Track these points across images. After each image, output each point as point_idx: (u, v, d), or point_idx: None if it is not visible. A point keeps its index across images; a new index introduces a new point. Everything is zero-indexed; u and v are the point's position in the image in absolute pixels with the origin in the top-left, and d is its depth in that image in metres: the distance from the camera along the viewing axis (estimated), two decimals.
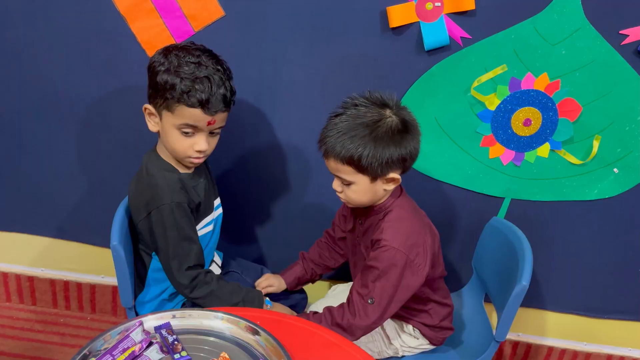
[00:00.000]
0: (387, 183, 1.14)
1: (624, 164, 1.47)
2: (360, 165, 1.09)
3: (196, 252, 1.21)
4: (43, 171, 1.62)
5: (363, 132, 1.08)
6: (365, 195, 1.15)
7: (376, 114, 1.10)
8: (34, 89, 1.51)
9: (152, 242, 1.22)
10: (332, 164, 1.14)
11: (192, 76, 1.11)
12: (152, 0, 1.38)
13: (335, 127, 1.11)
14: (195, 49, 1.15)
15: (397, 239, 1.13)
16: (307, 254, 1.45)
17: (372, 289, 1.14)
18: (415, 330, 1.30)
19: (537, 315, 1.71)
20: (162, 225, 1.17)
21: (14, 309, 1.84)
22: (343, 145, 1.09)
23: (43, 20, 1.42)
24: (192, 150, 1.18)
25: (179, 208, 1.17)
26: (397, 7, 1.33)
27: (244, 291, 1.27)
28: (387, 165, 1.10)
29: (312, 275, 1.44)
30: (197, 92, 1.10)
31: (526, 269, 1.23)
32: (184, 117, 1.13)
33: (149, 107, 1.17)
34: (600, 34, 1.34)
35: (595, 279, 1.62)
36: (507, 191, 1.53)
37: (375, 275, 1.14)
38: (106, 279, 1.79)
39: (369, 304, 1.14)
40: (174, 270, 1.20)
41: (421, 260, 1.16)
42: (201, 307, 1.23)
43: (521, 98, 1.41)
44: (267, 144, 1.52)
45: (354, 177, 1.12)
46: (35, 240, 1.74)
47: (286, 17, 1.37)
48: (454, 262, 1.63)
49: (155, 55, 1.16)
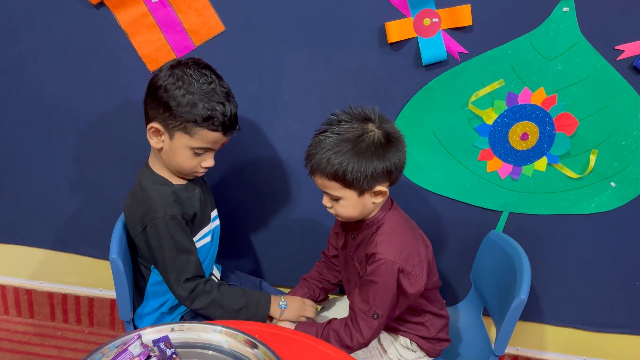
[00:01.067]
0: (375, 196, 1.15)
1: (621, 178, 1.48)
2: (346, 180, 1.10)
3: (194, 264, 1.21)
4: (42, 184, 1.63)
5: (346, 147, 1.09)
6: (355, 210, 1.16)
7: (359, 128, 1.11)
8: (35, 102, 1.52)
9: (150, 256, 1.22)
10: (319, 180, 1.15)
11: (212, 100, 1.12)
12: (153, 16, 1.40)
13: (319, 144, 1.12)
14: (202, 67, 1.15)
15: (392, 252, 1.13)
16: (307, 275, 1.45)
17: (374, 303, 1.14)
18: (412, 343, 1.30)
19: (536, 329, 1.71)
20: (158, 239, 1.18)
21: (12, 322, 1.83)
22: (328, 162, 1.10)
23: (45, 35, 1.43)
24: (199, 167, 1.20)
25: (173, 220, 1.18)
26: (395, 22, 1.35)
27: (247, 294, 1.26)
28: (372, 179, 1.11)
29: (316, 292, 1.42)
30: (219, 117, 1.13)
31: (524, 282, 1.23)
32: (203, 140, 1.15)
33: (157, 125, 1.15)
34: (596, 50, 1.35)
35: (594, 292, 1.62)
36: (505, 205, 1.53)
37: (375, 289, 1.14)
38: (104, 292, 1.79)
39: (374, 319, 1.15)
40: (173, 283, 1.20)
41: (418, 271, 1.16)
42: (205, 317, 1.24)
43: (518, 112, 1.43)
44: (266, 158, 1.53)
45: (341, 192, 1.13)
46: (33, 253, 1.74)
47: (286, 32, 1.39)
48: (452, 276, 1.63)
49: (163, 75, 1.14)
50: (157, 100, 1.14)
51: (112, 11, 1.39)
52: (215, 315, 1.22)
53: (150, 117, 1.17)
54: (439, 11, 1.34)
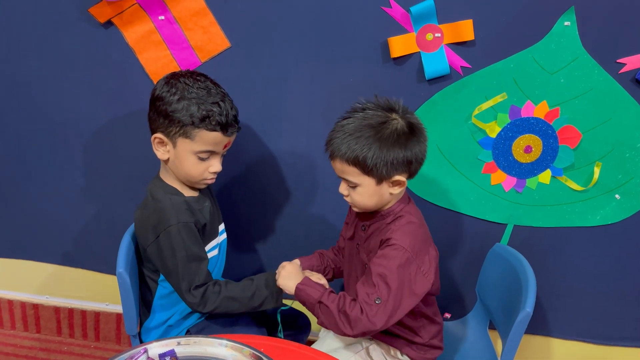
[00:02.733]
0: (392, 186, 1.15)
1: (625, 191, 1.48)
2: (366, 165, 1.10)
3: (205, 271, 1.23)
4: (49, 198, 1.64)
5: (369, 132, 1.10)
6: (371, 199, 1.16)
7: (383, 116, 1.12)
8: (43, 117, 1.54)
9: (162, 266, 1.23)
10: (338, 165, 1.15)
11: (207, 101, 1.15)
12: (160, 33, 1.42)
13: (342, 129, 1.13)
14: (197, 75, 1.20)
15: (407, 241, 1.13)
16: (323, 251, 1.43)
17: (378, 287, 1.11)
18: (403, 355, 1.28)
19: (542, 342, 1.70)
20: (171, 247, 1.19)
21: (19, 336, 1.84)
22: (349, 146, 1.10)
23: (54, 51, 1.46)
24: (207, 173, 1.22)
25: (185, 228, 1.19)
26: (398, 37, 1.37)
27: (254, 280, 1.26)
28: (392, 167, 1.11)
29: (327, 270, 1.39)
30: (216, 116, 1.15)
31: (530, 295, 1.23)
32: (204, 142, 1.17)
33: (160, 136, 1.19)
34: (597, 63, 1.36)
35: (600, 305, 1.61)
36: (509, 217, 1.53)
37: (382, 272, 1.11)
38: (110, 307, 1.79)
39: (375, 303, 1.11)
40: (184, 292, 1.21)
41: (427, 268, 1.16)
42: (221, 315, 1.25)
43: (521, 125, 1.43)
44: (272, 171, 1.54)
45: (359, 179, 1.13)
46: (40, 268, 1.75)
47: (290, 47, 1.41)
48: (457, 289, 1.63)
49: (159, 86, 1.19)
50: (156, 111, 1.18)
51: (119, 29, 1.42)
52: (231, 309, 1.23)
53: (153, 129, 1.21)
54: (441, 26, 1.35)
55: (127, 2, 1.38)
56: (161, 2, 1.38)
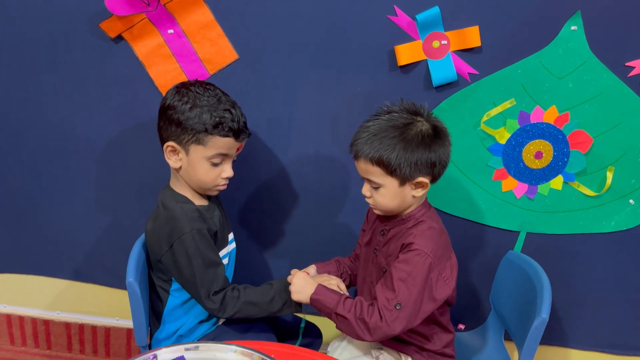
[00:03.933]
0: (415, 188, 1.15)
1: (639, 195, 1.46)
2: (390, 166, 1.11)
3: (222, 276, 1.23)
4: (60, 213, 1.65)
5: (393, 133, 1.11)
6: (393, 200, 1.16)
7: (408, 118, 1.14)
8: (54, 131, 1.56)
9: (178, 275, 1.23)
10: (362, 165, 1.16)
11: (218, 108, 1.17)
12: (169, 46, 1.44)
13: (366, 130, 1.14)
14: (206, 84, 1.22)
15: (429, 247, 1.13)
16: (340, 258, 1.43)
17: (399, 292, 1.10)
18: None
19: (559, 353, 1.66)
20: (186, 255, 1.19)
21: (29, 353, 1.83)
22: (373, 147, 1.12)
23: (64, 66, 1.49)
24: (219, 179, 1.24)
25: (199, 235, 1.19)
26: (405, 45, 1.37)
27: (273, 285, 1.26)
28: (416, 168, 1.12)
29: (344, 276, 1.38)
30: (228, 122, 1.17)
31: (545, 301, 1.21)
32: (217, 147, 1.19)
33: (172, 144, 1.20)
34: (606, 67, 1.36)
35: (618, 313, 1.57)
36: (522, 225, 1.51)
37: (403, 277, 1.11)
38: (121, 322, 1.79)
39: (395, 309, 1.10)
40: (203, 298, 1.21)
41: (448, 274, 1.15)
42: (242, 320, 1.25)
43: (531, 131, 1.43)
44: (280, 182, 1.54)
45: (383, 179, 1.14)
46: (51, 283, 1.75)
47: (297, 58, 1.42)
48: (471, 298, 1.60)
49: (170, 95, 1.21)
50: (167, 120, 1.19)
51: (130, 43, 1.44)
52: (251, 314, 1.23)
53: (164, 138, 1.22)
54: (448, 33, 1.36)
55: (137, 17, 1.40)
56: (170, 16, 1.40)
